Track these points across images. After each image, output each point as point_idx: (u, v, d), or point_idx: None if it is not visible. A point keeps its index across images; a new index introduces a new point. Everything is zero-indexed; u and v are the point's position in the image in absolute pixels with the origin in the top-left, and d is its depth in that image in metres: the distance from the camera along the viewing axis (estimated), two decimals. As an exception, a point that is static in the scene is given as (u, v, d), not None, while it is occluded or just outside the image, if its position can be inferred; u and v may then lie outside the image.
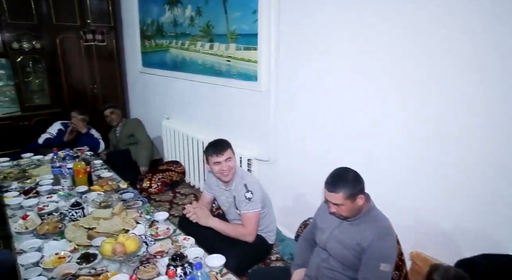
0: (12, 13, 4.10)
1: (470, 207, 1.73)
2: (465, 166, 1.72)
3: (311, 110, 2.41)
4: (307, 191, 2.56)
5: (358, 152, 2.17)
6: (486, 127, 1.62)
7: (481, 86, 1.61)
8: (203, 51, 3.25)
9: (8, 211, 2.20)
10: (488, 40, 1.56)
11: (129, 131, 3.83)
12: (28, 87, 4.51)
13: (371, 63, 2.00)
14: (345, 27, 2.09)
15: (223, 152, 2.03)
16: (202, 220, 2.05)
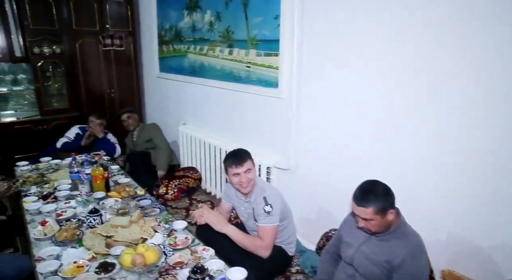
0: (35, 19, 4.15)
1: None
2: (504, 178, 1.63)
3: (334, 118, 2.34)
4: (329, 202, 2.48)
5: (383, 162, 2.09)
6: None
7: None
8: (222, 56, 3.22)
9: (27, 216, 2.20)
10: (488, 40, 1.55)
11: (147, 136, 3.81)
12: (48, 91, 4.55)
13: (397, 70, 1.94)
14: (370, 33, 2.03)
15: (243, 163, 1.97)
16: (217, 225, 1.99)
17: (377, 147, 2.11)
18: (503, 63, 1.54)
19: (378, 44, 2.00)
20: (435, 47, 1.76)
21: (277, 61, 2.58)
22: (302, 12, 2.37)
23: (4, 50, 4.11)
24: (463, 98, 1.68)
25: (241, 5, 2.86)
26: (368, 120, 2.14)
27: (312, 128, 2.50)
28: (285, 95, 2.59)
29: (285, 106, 2.63)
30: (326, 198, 2.50)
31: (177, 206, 3.31)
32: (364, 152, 2.19)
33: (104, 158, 3.23)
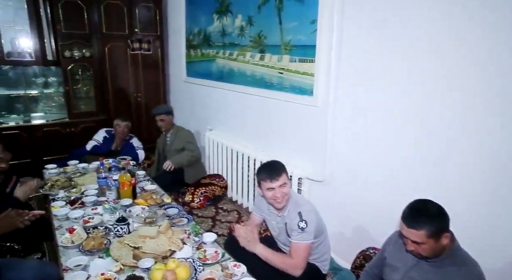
0: (67, 23, 4.21)
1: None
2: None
3: (373, 128, 2.20)
4: (366, 218, 2.33)
5: (428, 177, 1.93)
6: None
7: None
8: (252, 62, 3.13)
9: (55, 222, 2.17)
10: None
11: (180, 144, 3.64)
12: (76, 94, 4.61)
13: (444, 79, 1.80)
14: (417, 39, 1.89)
15: (278, 178, 1.86)
16: (250, 245, 1.90)
17: (421, 161, 1.96)
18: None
19: (424, 50, 1.87)
20: (485, 57, 1.63)
21: (313, 68, 2.47)
22: (341, 17, 2.25)
23: (37, 53, 4.18)
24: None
25: (275, 9, 2.77)
26: (411, 132, 1.99)
27: (349, 138, 2.37)
28: (320, 103, 2.47)
29: (320, 114, 2.51)
30: (363, 213, 2.36)
31: (203, 215, 3.23)
32: (406, 166, 2.04)
33: (131, 163, 3.20)
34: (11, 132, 4.03)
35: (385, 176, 2.17)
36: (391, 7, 2.00)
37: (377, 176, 2.22)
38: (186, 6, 4.20)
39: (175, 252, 1.84)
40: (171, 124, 3.76)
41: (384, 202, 2.18)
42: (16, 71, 4.39)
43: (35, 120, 4.38)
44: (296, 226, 1.86)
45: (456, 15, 1.72)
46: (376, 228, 2.22)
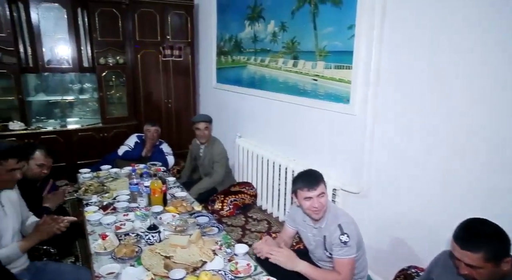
0: (102, 31, 4.33)
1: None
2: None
3: (415, 139, 2.07)
4: (407, 234, 2.20)
5: (479, 193, 1.78)
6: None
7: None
8: (285, 68, 3.07)
9: (88, 227, 2.19)
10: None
11: (213, 158, 3.52)
12: (109, 100, 4.72)
13: (489, 83, 1.67)
14: (465, 45, 1.77)
15: (316, 187, 1.78)
16: (289, 263, 1.79)
17: (469, 174, 1.82)
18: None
19: (472, 55, 1.74)
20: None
21: (350, 75, 2.38)
22: (382, 22, 2.15)
23: (75, 60, 4.32)
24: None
25: (309, 14, 2.70)
26: (458, 142, 1.86)
27: (390, 149, 2.25)
28: (357, 111, 2.37)
29: (357, 123, 2.40)
30: (403, 229, 2.22)
31: (232, 224, 3.18)
32: (452, 179, 1.90)
33: (161, 169, 3.20)
34: (49, 136, 4.17)
35: (429, 190, 2.03)
36: (434, 10, 1.89)
37: (420, 189, 2.08)
38: (217, 13, 4.21)
39: (206, 263, 1.80)
40: (210, 135, 3.60)
41: (427, 218, 2.04)
42: (55, 78, 4.56)
43: (70, 125, 4.51)
44: (337, 240, 1.77)
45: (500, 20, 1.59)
46: (418, 245, 2.08)
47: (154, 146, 3.87)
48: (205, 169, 3.55)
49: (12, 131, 4.01)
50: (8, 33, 3.87)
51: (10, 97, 4.15)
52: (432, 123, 1.97)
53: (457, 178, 1.88)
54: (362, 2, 2.22)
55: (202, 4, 4.71)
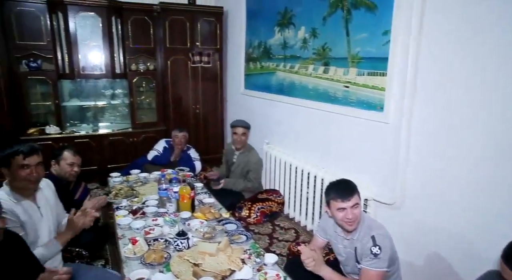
0: (135, 38, 4.47)
1: None
2: None
3: (457, 149, 1.96)
4: (444, 250, 2.08)
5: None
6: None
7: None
8: (315, 75, 3.02)
9: (118, 231, 2.22)
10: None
11: (247, 167, 3.51)
12: (139, 105, 4.83)
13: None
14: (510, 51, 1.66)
15: (350, 198, 1.72)
16: (316, 266, 1.76)
17: None
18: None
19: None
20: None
21: (384, 82, 2.30)
22: (420, 28, 2.06)
23: (108, 67, 4.46)
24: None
25: (342, 20, 2.65)
26: (500, 157, 1.74)
27: (427, 159, 2.14)
28: (392, 119, 2.28)
29: (391, 132, 2.31)
30: (440, 244, 2.10)
31: (259, 232, 3.14)
32: (495, 195, 1.79)
33: (190, 174, 3.22)
34: (82, 140, 4.30)
35: (470, 204, 1.92)
36: (478, 13, 1.79)
37: (460, 202, 1.97)
38: (246, 19, 4.23)
39: (235, 272, 1.78)
40: (246, 142, 3.62)
41: (468, 233, 1.92)
42: (88, 84, 4.71)
43: (102, 129, 4.64)
44: (368, 251, 1.70)
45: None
46: (458, 263, 1.97)
47: (182, 151, 3.90)
48: (236, 176, 3.54)
49: (48, 135, 4.17)
50: (48, 42, 4.05)
51: (48, 102, 4.33)
52: (473, 134, 1.86)
53: (502, 192, 1.76)
54: (399, 6, 2.15)
55: (232, 11, 4.75)
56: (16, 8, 3.88)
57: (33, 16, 3.96)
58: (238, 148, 3.55)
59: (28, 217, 1.83)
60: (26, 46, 4.02)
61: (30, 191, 1.90)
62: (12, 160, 1.79)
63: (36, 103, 4.35)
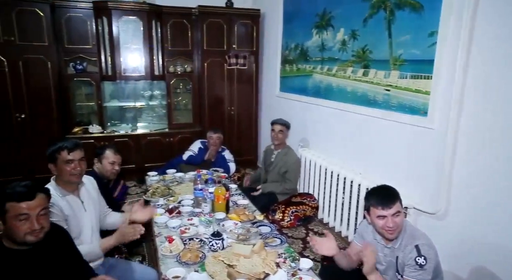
0: (173, 41, 4.59)
1: None
2: None
3: (505, 158, 1.84)
4: (491, 264, 1.95)
5: None
6: None
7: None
8: (354, 78, 2.95)
9: (155, 229, 2.26)
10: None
11: (285, 167, 3.47)
12: (176, 106, 4.95)
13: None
14: None
15: (391, 205, 1.66)
16: (371, 265, 1.69)
17: None
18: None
19: None
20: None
21: (429, 85, 2.20)
22: (471, 28, 1.95)
23: (147, 69, 4.61)
24: None
25: (383, 22, 2.57)
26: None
27: (472, 168, 2.02)
28: (437, 125, 2.18)
29: (435, 137, 2.20)
30: (486, 258, 1.97)
31: (293, 235, 3.10)
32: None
33: (225, 175, 3.25)
34: (121, 139, 4.47)
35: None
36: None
37: (509, 215, 1.84)
38: (283, 21, 4.22)
39: (269, 275, 1.76)
40: (285, 140, 3.59)
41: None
42: (128, 85, 4.90)
43: (140, 129, 4.80)
44: (413, 261, 1.63)
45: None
46: (507, 278, 1.83)
47: (217, 152, 3.95)
48: (273, 176, 3.52)
49: (91, 134, 4.37)
50: (93, 45, 4.27)
51: (91, 102, 4.55)
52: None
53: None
54: (448, 6, 2.04)
55: (268, 13, 4.75)
56: (66, 15, 4.13)
57: (81, 21, 4.19)
58: (276, 146, 3.55)
59: (72, 211, 1.91)
60: (74, 50, 4.26)
61: (74, 186, 1.98)
62: (57, 156, 1.88)
63: (80, 103, 4.59)
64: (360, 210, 2.76)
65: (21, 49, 3.90)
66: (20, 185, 1.37)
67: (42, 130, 4.11)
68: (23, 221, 1.33)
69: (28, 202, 1.35)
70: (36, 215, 1.36)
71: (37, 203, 1.37)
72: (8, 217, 1.33)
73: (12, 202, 1.32)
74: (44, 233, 1.40)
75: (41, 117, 4.11)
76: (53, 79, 4.09)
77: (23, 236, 1.34)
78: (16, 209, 1.32)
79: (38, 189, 1.40)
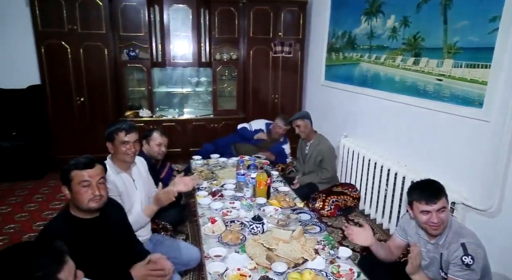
0: (220, 29, 4.66)
1: None
2: None
3: None
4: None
5: None
6: None
7: None
8: (403, 66, 2.84)
9: (199, 210, 2.37)
10: None
11: (320, 156, 3.42)
12: (221, 93, 5.06)
13: None
14: None
15: (436, 201, 1.60)
16: (417, 265, 1.66)
17: None
18: None
19: None
20: None
21: (486, 75, 2.06)
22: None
23: (195, 56, 4.76)
24: None
25: (439, 7, 2.43)
26: None
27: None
28: (493, 117, 2.04)
29: (491, 130, 2.07)
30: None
31: (332, 225, 3.09)
32: None
33: (267, 162, 3.30)
34: (169, 124, 4.67)
35: None
36: None
37: None
38: (331, 8, 4.11)
39: (307, 261, 1.79)
40: (309, 129, 3.46)
41: None
42: (176, 72, 5.09)
43: (186, 114, 4.98)
44: (459, 260, 1.57)
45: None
46: None
47: (278, 142, 4.03)
48: (310, 167, 3.51)
49: (141, 118, 4.62)
50: (145, 33, 4.46)
51: (142, 88, 4.79)
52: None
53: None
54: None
55: (316, 0, 4.66)
56: (122, 4, 4.34)
57: (135, 10, 4.38)
58: (305, 139, 3.51)
59: (125, 188, 2.06)
60: (127, 37, 4.48)
61: (127, 165, 2.13)
62: (115, 136, 2.04)
63: (132, 88, 4.85)
64: (403, 203, 2.68)
65: (82, 37, 4.19)
66: (81, 157, 1.56)
67: (98, 113, 4.43)
68: (85, 187, 1.50)
69: (89, 170, 1.52)
70: (96, 183, 1.52)
71: (96, 172, 1.54)
72: (73, 184, 1.50)
73: (76, 170, 1.50)
74: (103, 202, 1.56)
75: (98, 101, 4.42)
76: (109, 65, 4.36)
77: (87, 203, 1.50)
78: (79, 176, 1.50)
79: (97, 161, 1.58)
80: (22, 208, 3.41)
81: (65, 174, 1.51)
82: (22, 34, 4.30)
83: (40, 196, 3.68)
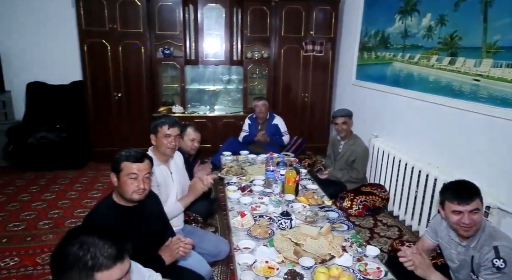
0: (252, 28, 4.72)
1: None
2: None
3: None
4: None
5: None
6: None
7: None
8: (438, 66, 2.78)
9: (229, 204, 2.45)
10: None
11: (353, 156, 3.42)
12: (251, 91, 5.12)
13: None
14: None
15: (469, 201, 1.57)
16: (419, 270, 1.66)
17: None
18: None
19: None
20: None
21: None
22: None
23: (227, 54, 4.86)
24: None
25: (479, 5, 2.36)
26: None
27: None
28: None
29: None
30: None
31: (360, 224, 3.08)
32: None
33: (296, 160, 3.34)
34: (200, 120, 4.79)
35: None
36: None
37: None
38: (364, 7, 4.07)
39: (334, 257, 1.81)
40: (350, 130, 3.48)
41: None
42: (208, 70, 5.21)
43: (217, 111, 5.09)
44: (489, 263, 1.55)
45: None
46: None
47: (267, 120, 4.18)
48: (340, 165, 3.50)
49: (174, 114, 4.77)
50: (180, 31, 4.61)
51: (175, 85, 4.94)
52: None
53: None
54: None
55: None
56: (158, 4, 4.51)
57: (170, 9, 4.54)
58: (342, 137, 3.48)
59: (163, 179, 2.18)
60: (163, 36, 4.64)
61: (167, 158, 2.25)
62: (159, 129, 2.16)
63: (166, 85, 5.02)
64: (434, 205, 2.64)
65: (121, 36, 4.39)
66: (133, 150, 1.64)
67: (133, 108, 4.63)
68: (132, 179, 1.58)
69: (139, 164, 1.60)
70: (142, 176, 1.60)
71: (145, 167, 1.62)
72: (122, 174, 1.58)
73: (127, 162, 1.59)
74: (145, 195, 1.66)
75: (134, 97, 4.61)
76: (145, 62, 4.54)
77: (131, 194, 1.59)
78: (129, 168, 1.58)
79: (147, 156, 1.66)
80: (64, 195, 3.65)
81: (116, 164, 1.61)
82: (67, 33, 4.58)
83: (79, 186, 3.91)
